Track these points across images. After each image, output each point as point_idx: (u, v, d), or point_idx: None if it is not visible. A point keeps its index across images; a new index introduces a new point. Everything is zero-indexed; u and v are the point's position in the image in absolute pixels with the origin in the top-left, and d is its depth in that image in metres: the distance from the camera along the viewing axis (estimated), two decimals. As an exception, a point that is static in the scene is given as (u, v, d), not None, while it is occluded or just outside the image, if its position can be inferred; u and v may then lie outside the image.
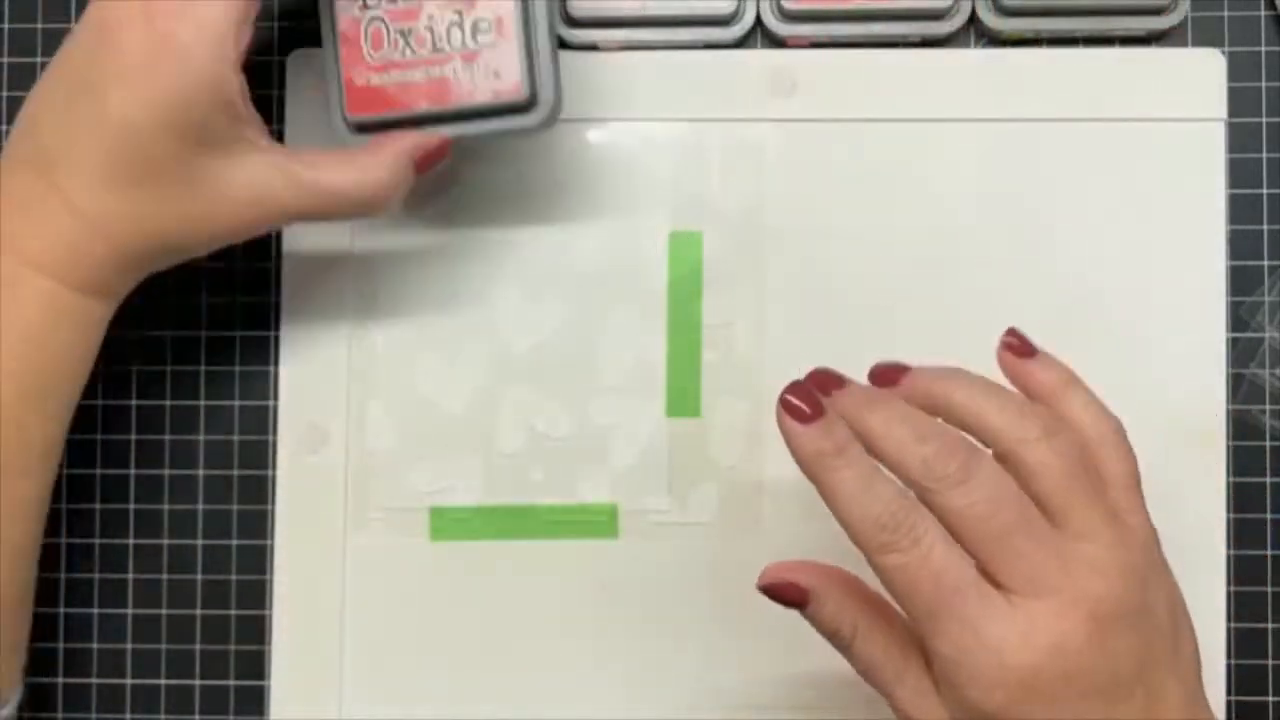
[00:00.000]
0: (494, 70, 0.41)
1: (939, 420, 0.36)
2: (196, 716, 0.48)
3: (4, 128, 0.50)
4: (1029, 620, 0.33)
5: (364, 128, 0.42)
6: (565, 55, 0.49)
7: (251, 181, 0.40)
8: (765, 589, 0.38)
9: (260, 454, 0.49)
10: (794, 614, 0.48)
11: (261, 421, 0.49)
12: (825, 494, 0.36)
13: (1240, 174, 0.48)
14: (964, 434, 0.36)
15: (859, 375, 0.48)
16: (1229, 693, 0.47)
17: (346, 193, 0.41)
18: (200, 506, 0.49)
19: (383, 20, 0.41)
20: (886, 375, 0.39)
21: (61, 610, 0.49)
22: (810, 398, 0.36)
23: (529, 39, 0.42)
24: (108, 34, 0.38)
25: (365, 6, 0.41)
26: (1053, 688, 0.33)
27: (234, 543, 0.49)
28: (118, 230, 0.39)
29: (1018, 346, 0.40)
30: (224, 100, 0.38)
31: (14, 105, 0.49)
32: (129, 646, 0.49)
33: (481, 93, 0.41)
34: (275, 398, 0.49)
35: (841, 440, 0.35)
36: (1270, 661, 0.48)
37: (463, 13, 0.41)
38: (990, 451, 0.36)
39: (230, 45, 0.38)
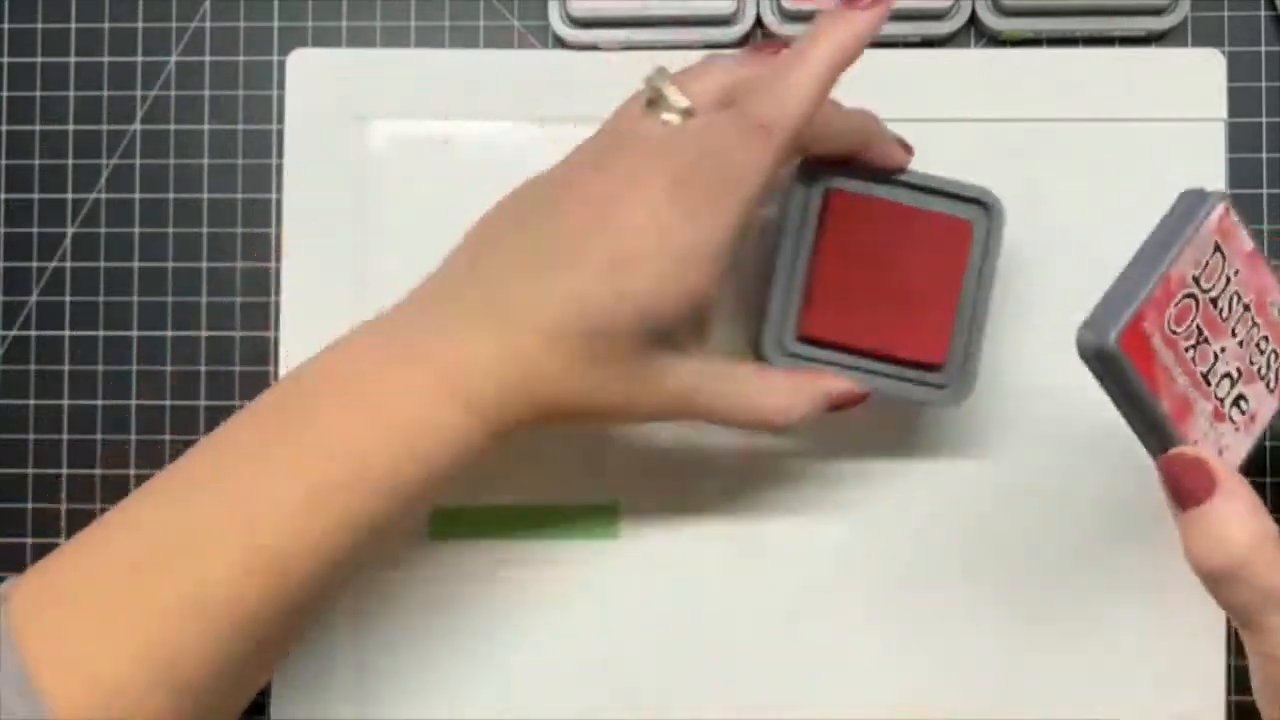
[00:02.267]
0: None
1: None
2: (196, 716, 0.48)
3: (3, 128, 0.50)
4: None
5: (798, 355, 0.44)
6: (565, 55, 0.49)
7: (685, 384, 0.40)
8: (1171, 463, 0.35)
9: (260, 454, 0.49)
10: (791, 616, 0.48)
11: (261, 421, 0.49)
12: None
13: (1240, 174, 0.48)
14: None
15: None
16: (1229, 693, 0.47)
17: (764, 415, 0.41)
18: (200, 506, 0.49)
19: None
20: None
21: (61, 610, 0.49)
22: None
23: (966, 319, 0.44)
24: (612, 217, 0.37)
25: None
26: None
27: (234, 543, 0.49)
28: (553, 395, 0.39)
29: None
30: (699, 314, 0.39)
31: (14, 105, 0.50)
32: (129, 646, 0.49)
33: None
34: (275, 398, 0.49)
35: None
36: (1270, 661, 0.48)
37: None
38: None
39: (723, 259, 0.38)
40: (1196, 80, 0.48)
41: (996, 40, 0.49)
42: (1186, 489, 0.35)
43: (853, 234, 0.44)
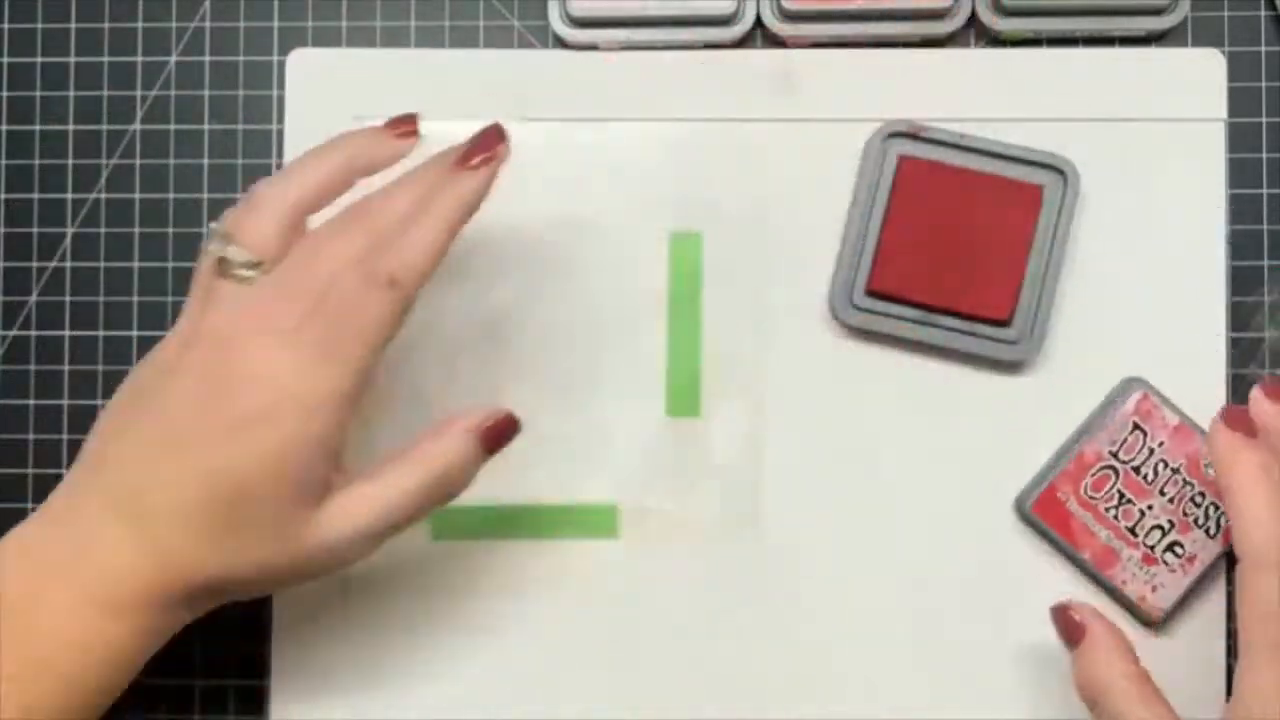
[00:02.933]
0: None
1: None
2: (196, 716, 0.48)
3: (3, 128, 0.50)
4: None
5: (866, 309, 0.47)
6: (565, 55, 0.49)
7: (339, 527, 0.39)
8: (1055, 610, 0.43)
9: (260, 454, 0.49)
10: (791, 615, 0.48)
11: (261, 421, 0.49)
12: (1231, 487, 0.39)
13: (1240, 174, 0.48)
14: None
15: (867, 374, 0.48)
16: (1229, 693, 0.47)
17: (413, 491, 0.40)
18: (200, 506, 0.49)
19: None
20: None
21: (61, 610, 0.49)
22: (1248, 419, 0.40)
23: (1037, 278, 0.46)
24: (222, 385, 0.37)
25: None
26: None
27: (234, 543, 0.49)
28: (203, 578, 0.38)
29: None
30: (332, 452, 0.38)
31: (14, 105, 0.50)
32: (129, 646, 0.49)
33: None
34: (275, 398, 0.48)
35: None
36: (1270, 661, 0.48)
37: None
38: None
39: (351, 405, 0.38)
40: (1196, 80, 0.48)
41: (996, 40, 0.49)
42: (1065, 633, 0.42)
43: (924, 197, 0.46)
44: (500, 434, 0.41)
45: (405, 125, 0.42)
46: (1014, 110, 0.48)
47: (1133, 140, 0.48)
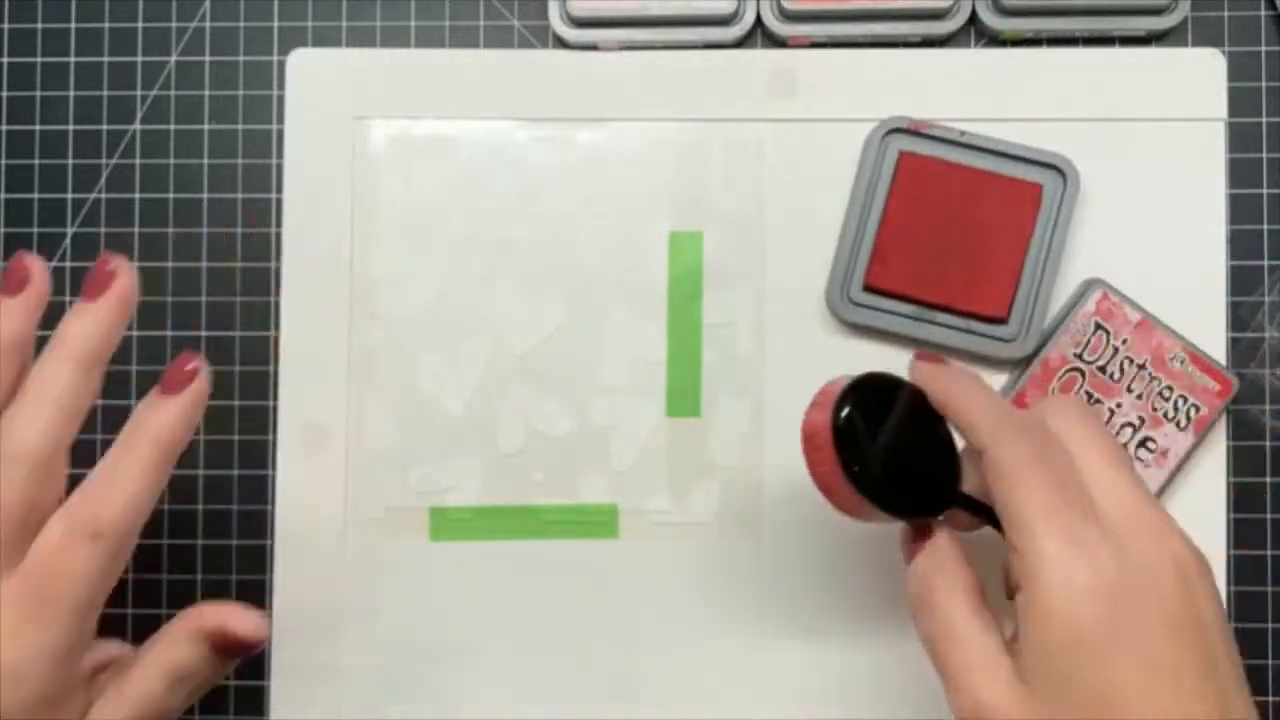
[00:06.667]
0: None
1: None
2: (197, 716, 0.48)
3: (3, 128, 0.50)
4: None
5: (864, 304, 0.47)
6: (565, 55, 0.49)
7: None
8: None
9: (260, 454, 0.49)
10: (791, 615, 0.48)
11: (261, 422, 0.49)
12: (950, 397, 0.38)
13: (1240, 174, 0.48)
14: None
15: (864, 371, 0.48)
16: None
17: (158, 695, 0.39)
18: (200, 507, 0.49)
19: None
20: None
21: (61, 610, 0.49)
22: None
23: (1034, 276, 0.47)
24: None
25: None
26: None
27: (234, 543, 0.49)
28: None
29: None
30: (65, 695, 0.37)
31: (14, 105, 0.50)
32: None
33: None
34: (275, 398, 0.49)
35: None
36: (1270, 661, 0.48)
37: None
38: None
39: (69, 656, 0.37)
40: (1196, 80, 0.48)
41: (996, 40, 0.49)
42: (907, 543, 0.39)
43: (923, 193, 0.47)
44: (232, 644, 0.39)
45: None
46: (1014, 110, 0.48)
47: (1133, 140, 0.48)
